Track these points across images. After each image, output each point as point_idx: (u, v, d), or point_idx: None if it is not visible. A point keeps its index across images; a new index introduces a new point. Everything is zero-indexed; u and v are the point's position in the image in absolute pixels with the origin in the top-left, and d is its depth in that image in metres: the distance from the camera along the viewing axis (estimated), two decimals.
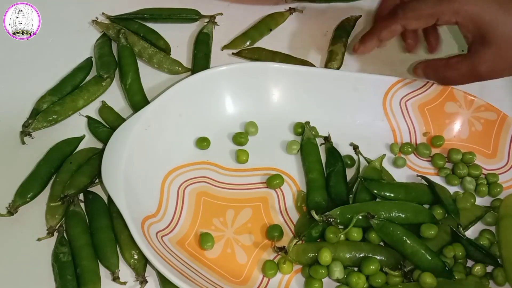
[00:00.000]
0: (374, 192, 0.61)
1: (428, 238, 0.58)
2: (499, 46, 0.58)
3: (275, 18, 0.78)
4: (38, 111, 0.68)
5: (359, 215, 0.57)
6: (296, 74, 0.68)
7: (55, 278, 0.57)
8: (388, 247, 0.58)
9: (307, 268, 0.58)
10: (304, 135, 0.67)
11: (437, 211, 0.61)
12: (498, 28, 0.57)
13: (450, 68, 0.63)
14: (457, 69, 0.62)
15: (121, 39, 0.73)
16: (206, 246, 0.59)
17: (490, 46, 0.58)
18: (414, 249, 0.57)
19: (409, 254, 0.57)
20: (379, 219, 0.57)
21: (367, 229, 0.59)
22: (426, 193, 0.63)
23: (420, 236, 0.59)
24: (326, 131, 0.67)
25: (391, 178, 0.65)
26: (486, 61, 0.59)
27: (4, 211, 0.61)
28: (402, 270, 0.57)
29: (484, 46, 0.58)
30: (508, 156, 0.66)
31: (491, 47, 0.58)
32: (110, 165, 0.60)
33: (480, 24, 0.58)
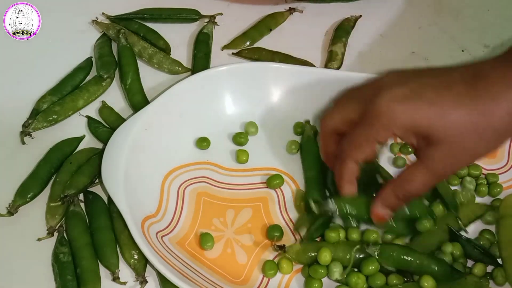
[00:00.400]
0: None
1: (424, 232, 0.59)
2: (449, 143, 0.52)
3: (275, 18, 0.78)
4: (38, 111, 0.68)
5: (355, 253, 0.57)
6: (296, 74, 0.68)
7: (55, 278, 0.57)
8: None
9: (307, 268, 0.58)
10: (304, 134, 0.67)
11: (437, 208, 0.62)
12: (440, 129, 0.51)
13: (408, 182, 0.55)
14: (416, 180, 0.54)
15: (121, 39, 0.73)
16: (206, 246, 0.59)
17: (440, 145, 0.52)
18: (418, 262, 0.56)
19: (415, 269, 0.57)
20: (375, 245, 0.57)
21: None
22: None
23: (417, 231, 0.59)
24: None
25: (388, 174, 0.65)
26: (442, 160, 0.53)
27: (4, 211, 0.61)
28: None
29: (433, 147, 0.52)
30: (508, 156, 0.66)
31: (442, 146, 0.52)
32: (110, 165, 0.60)
33: (419, 130, 0.53)
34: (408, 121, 0.52)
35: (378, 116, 0.54)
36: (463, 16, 0.80)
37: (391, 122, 0.53)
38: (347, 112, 0.57)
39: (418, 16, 0.80)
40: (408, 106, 0.52)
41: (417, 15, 0.80)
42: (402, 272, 0.57)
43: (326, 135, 0.60)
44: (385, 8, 0.80)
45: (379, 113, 0.53)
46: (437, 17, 0.80)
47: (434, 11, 0.80)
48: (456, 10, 0.81)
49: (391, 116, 0.53)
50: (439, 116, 0.51)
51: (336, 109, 0.60)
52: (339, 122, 0.58)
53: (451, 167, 0.55)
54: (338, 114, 0.59)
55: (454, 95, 0.51)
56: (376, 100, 0.54)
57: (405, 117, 0.52)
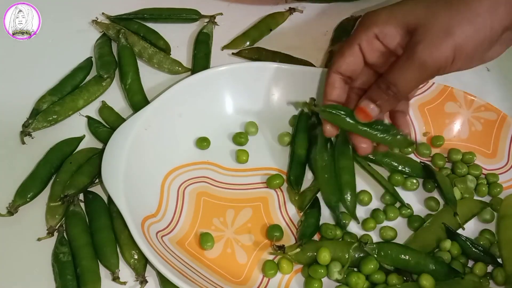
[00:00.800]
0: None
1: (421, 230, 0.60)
2: (431, 27, 0.53)
3: (275, 18, 0.78)
4: (38, 111, 0.68)
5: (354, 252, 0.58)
6: (296, 74, 0.68)
7: (55, 278, 0.57)
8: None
9: (307, 268, 0.58)
10: (302, 111, 0.67)
11: (431, 203, 0.63)
12: (425, 19, 0.54)
13: (395, 74, 0.55)
14: (403, 71, 0.54)
15: (121, 39, 0.73)
16: (206, 246, 0.59)
17: (422, 34, 0.54)
18: (415, 261, 0.57)
19: (412, 267, 0.57)
20: (372, 244, 0.57)
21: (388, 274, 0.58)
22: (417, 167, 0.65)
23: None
24: None
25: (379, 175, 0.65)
26: (426, 47, 0.53)
27: (4, 211, 0.61)
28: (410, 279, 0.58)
29: (416, 37, 0.54)
30: (508, 156, 0.66)
31: (424, 33, 0.53)
32: (110, 165, 0.60)
33: (405, 25, 0.55)
34: (389, 17, 0.56)
35: (360, 21, 0.58)
36: None
37: (372, 21, 0.57)
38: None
39: None
40: (391, 7, 0.56)
41: None
42: (401, 271, 0.57)
43: (332, 81, 0.60)
44: None
45: (362, 19, 0.58)
46: None
47: None
48: None
49: (373, 17, 0.57)
50: (424, 9, 0.54)
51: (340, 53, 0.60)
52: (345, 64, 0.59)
53: (435, 56, 0.53)
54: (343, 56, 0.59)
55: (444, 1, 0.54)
56: (360, 20, 0.58)
57: (385, 14, 0.56)
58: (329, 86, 0.60)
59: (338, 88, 0.59)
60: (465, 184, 0.64)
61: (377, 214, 0.62)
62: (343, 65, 0.59)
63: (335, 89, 0.59)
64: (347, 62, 0.58)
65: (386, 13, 0.56)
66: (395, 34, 0.56)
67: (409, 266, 0.57)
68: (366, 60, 0.58)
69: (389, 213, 0.62)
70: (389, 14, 0.56)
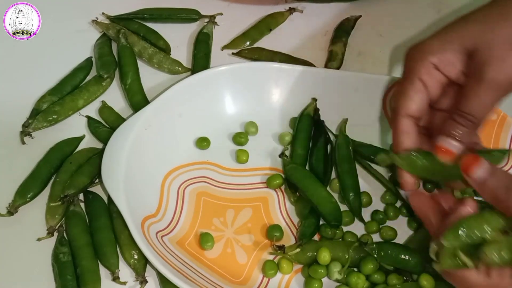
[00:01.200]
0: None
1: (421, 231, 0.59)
2: (500, 49, 0.51)
3: (275, 18, 0.78)
4: (38, 111, 0.68)
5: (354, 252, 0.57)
6: (296, 74, 0.68)
7: (55, 278, 0.57)
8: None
9: (307, 268, 0.58)
10: (304, 110, 0.67)
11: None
12: (488, 41, 0.51)
13: (469, 102, 0.51)
14: (478, 96, 0.51)
15: (121, 39, 0.73)
16: (206, 246, 0.59)
17: (490, 53, 0.50)
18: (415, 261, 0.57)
19: (412, 267, 0.57)
20: (372, 244, 0.57)
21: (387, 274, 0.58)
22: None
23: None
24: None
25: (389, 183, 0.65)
26: (496, 68, 0.50)
27: (4, 211, 0.61)
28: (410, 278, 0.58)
29: (483, 60, 0.51)
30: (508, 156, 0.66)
31: (492, 53, 0.50)
32: (110, 165, 0.60)
33: (466, 49, 0.52)
34: (443, 43, 0.51)
35: (410, 55, 0.53)
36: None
37: (425, 51, 0.52)
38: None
39: (418, 16, 0.80)
40: (440, 33, 0.52)
41: (417, 15, 0.80)
42: (401, 271, 0.57)
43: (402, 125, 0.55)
44: (385, 8, 0.80)
45: (410, 52, 0.53)
46: (437, 16, 0.80)
47: (434, 11, 0.80)
48: (456, 10, 0.81)
49: (424, 47, 0.52)
50: (485, 29, 0.50)
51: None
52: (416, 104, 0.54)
53: (507, 72, 0.51)
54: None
55: (498, 13, 0.51)
56: (410, 53, 0.54)
57: (438, 41, 0.52)
58: (402, 134, 0.54)
59: (411, 134, 0.54)
60: None
61: (378, 215, 0.62)
62: (412, 106, 0.53)
63: (409, 135, 0.54)
64: (415, 102, 0.53)
65: (439, 40, 0.52)
66: (454, 61, 0.52)
67: (409, 266, 0.57)
68: (429, 94, 0.54)
69: (390, 212, 0.62)
70: (442, 40, 0.52)
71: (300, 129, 0.66)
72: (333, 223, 0.59)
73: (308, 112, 0.67)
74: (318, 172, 0.63)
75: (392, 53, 0.75)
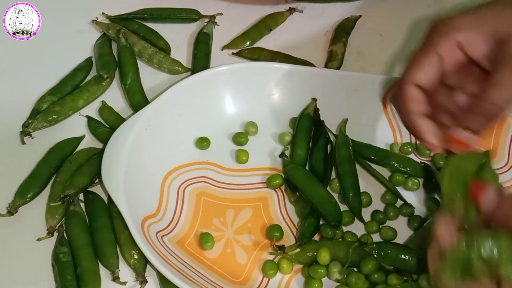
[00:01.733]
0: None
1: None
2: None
3: (275, 18, 0.78)
4: (38, 111, 0.68)
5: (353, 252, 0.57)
6: (296, 74, 0.68)
7: (55, 278, 0.57)
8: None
9: (307, 268, 0.58)
10: (304, 110, 0.67)
11: (431, 203, 0.63)
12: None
13: (494, 89, 0.49)
14: (504, 83, 0.49)
15: (121, 39, 0.73)
16: (206, 246, 0.59)
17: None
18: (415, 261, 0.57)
19: (412, 267, 0.57)
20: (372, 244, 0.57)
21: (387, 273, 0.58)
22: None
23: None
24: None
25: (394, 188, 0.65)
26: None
27: (4, 211, 0.61)
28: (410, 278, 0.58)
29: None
30: (508, 156, 0.66)
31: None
32: (110, 165, 0.60)
33: (498, 33, 0.49)
34: (475, 22, 0.50)
35: (436, 28, 0.51)
36: None
37: (454, 27, 0.50)
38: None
39: (418, 15, 0.80)
40: (476, 11, 0.50)
41: (417, 15, 0.80)
42: (401, 271, 0.58)
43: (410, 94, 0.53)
44: (385, 8, 0.80)
45: (438, 25, 0.51)
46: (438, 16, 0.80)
47: (434, 10, 0.80)
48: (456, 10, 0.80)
49: (455, 22, 0.50)
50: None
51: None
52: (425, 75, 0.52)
53: None
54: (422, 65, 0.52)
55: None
56: (435, 29, 0.52)
57: (470, 19, 0.50)
58: (412, 101, 0.53)
59: (422, 102, 0.53)
60: None
61: (378, 215, 0.62)
62: (421, 76, 0.52)
63: (420, 103, 0.53)
64: (424, 72, 0.52)
65: (471, 18, 0.50)
66: (480, 43, 0.50)
67: (409, 266, 0.57)
68: (444, 70, 0.52)
69: (389, 212, 0.62)
70: (474, 19, 0.50)
71: (300, 129, 0.66)
72: (333, 223, 0.59)
73: (308, 112, 0.67)
74: (318, 172, 0.63)
75: (392, 53, 0.75)
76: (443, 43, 0.51)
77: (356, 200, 0.61)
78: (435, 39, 0.52)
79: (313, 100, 0.67)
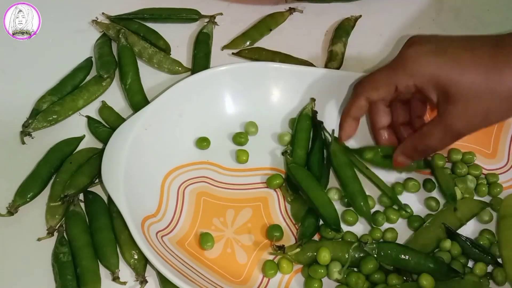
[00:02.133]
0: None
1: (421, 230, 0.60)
2: (465, 101, 0.54)
3: (275, 18, 0.78)
4: (38, 111, 0.68)
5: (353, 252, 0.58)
6: (296, 74, 0.68)
7: (55, 278, 0.57)
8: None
9: (307, 268, 0.58)
10: (303, 110, 0.67)
11: (431, 203, 0.63)
12: (458, 85, 0.55)
13: (427, 137, 0.59)
14: (434, 135, 0.58)
15: (121, 39, 0.73)
16: (206, 246, 0.59)
17: (456, 102, 0.55)
18: (415, 261, 0.57)
19: (412, 267, 0.57)
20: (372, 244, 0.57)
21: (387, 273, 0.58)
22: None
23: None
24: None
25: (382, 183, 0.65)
26: (458, 117, 0.56)
27: (4, 211, 0.61)
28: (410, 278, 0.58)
29: (451, 104, 0.55)
30: (508, 156, 0.66)
31: (458, 103, 0.55)
32: (110, 165, 0.60)
33: (439, 84, 0.56)
34: (429, 72, 0.56)
35: (403, 63, 0.58)
36: (463, 15, 0.80)
37: (415, 71, 0.57)
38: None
39: (418, 15, 0.80)
40: (432, 59, 0.56)
41: (417, 15, 0.80)
42: (401, 271, 0.58)
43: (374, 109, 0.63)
44: (385, 8, 0.80)
45: (405, 61, 0.58)
46: (437, 16, 0.80)
47: (434, 10, 0.80)
48: (456, 10, 0.81)
49: (416, 66, 0.57)
50: (459, 74, 0.55)
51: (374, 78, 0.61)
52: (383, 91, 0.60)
53: (467, 126, 0.57)
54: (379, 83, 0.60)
55: (475, 57, 0.55)
56: (405, 50, 0.58)
57: (429, 70, 0.56)
58: (345, 128, 0.64)
59: (354, 126, 0.64)
60: (465, 184, 0.64)
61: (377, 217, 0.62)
62: (374, 95, 0.61)
63: (352, 127, 0.64)
64: (379, 94, 0.61)
65: (429, 65, 0.56)
66: (433, 95, 0.57)
67: (409, 266, 0.57)
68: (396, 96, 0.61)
69: (389, 215, 0.62)
70: (431, 67, 0.56)
71: (299, 129, 0.66)
72: (334, 227, 0.59)
73: (306, 112, 0.67)
74: (314, 174, 0.63)
75: (392, 53, 0.75)
76: (404, 80, 0.58)
77: (366, 205, 0.61)
78: (400, 73, 0.58)
79: (311, 100, 0.67)
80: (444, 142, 0.59)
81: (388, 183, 0.64)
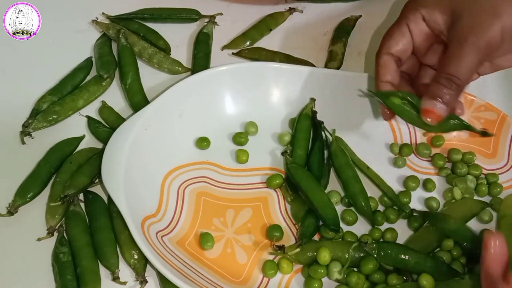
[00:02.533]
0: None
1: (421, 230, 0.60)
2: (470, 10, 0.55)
3: (275, 18, 0.78)
4: (38, 111, 0.68)
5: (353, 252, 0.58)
6: (296, 74, 0.68)
7: (55, 278, 0.57)
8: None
9: (307, 268, 0.58)
10: (303, 110, 0.67)
11: (431, 203, 0.63)
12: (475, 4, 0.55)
13: (446, 64, 0.55)
14: (452, 58, 0.55)
15: (121, 39, 0.73)
16: (206, 246, 0.59)
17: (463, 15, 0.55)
18: (415, 261, 0.57)
19: (412, 267, 0.57)
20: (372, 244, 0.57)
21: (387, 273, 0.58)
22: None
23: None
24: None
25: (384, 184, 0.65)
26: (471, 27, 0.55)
27: (4, 211, 0.61)
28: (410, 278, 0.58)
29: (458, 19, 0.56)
30: (508, 156, 0.66)
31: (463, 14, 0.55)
32: (110, 165, 0.60)
33: (442, 5, 0.57)
34: (437, 2, 0.57)
35: (408, 4, 0.60)
36: None
37: (420, 3, 0.58)
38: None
39: None
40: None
41: None
42: (401, 271, 0.58)
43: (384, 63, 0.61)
44: (385, 8, 0.80)
45: (406, 4, 0.60)
46: None
47: None
48: None
49: (418, 0, 0.59)
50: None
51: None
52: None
53: (479, 31, 0.55)
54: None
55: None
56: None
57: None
58: (382, 67, 0.60)
59: (391, 70, 0.60)
60: (465, 184, 0.64)
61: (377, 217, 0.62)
62: (394, 45, 0.60)
63: (389, 70, 0.60)
64: (397, 42, 0.60)
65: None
66: (440, 19, 0.57)
67: (409, 266, 0.57)
68: (414, 41, 0.60)
69: (389, 215, 0.62)
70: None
71: (299, 130, 0.66)
72: (332, 228, 0.59)
73: (306, 112, 0.67)
74: (314, 174, 0.63)
75: None
76: (411, 16, 0.59)
77: (367, 205, 0.61)
78: (405, 14, 0.59)
79: (311, 100, 0.67)
80: (464, 61, 0.55)
81: (389, 183, 0.64)
